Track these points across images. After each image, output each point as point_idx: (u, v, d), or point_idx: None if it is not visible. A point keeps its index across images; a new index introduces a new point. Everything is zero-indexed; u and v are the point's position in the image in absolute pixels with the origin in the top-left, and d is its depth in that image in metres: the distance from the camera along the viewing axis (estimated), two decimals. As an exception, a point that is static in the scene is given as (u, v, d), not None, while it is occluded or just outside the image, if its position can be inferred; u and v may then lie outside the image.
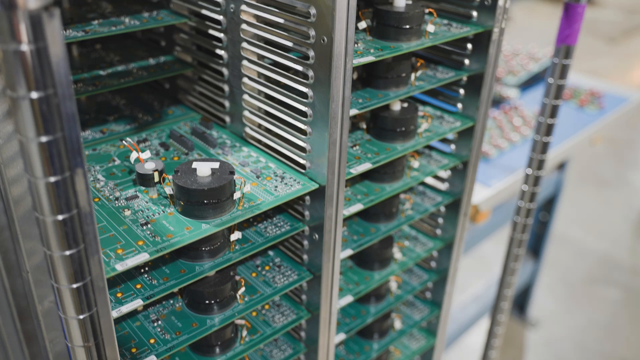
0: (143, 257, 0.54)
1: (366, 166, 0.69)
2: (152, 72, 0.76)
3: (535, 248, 2.07)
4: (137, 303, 0.58)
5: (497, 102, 1.65)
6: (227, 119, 0.76)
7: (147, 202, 0.61)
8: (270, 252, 0.76)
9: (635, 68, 4.30)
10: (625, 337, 2.07)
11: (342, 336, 0.82)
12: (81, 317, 0.50)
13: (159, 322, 0.65)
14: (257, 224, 0.69)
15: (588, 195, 2.86)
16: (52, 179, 0.44)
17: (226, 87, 0.74)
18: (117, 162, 0.69)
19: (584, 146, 1.67)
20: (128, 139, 0.68)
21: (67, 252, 0.47)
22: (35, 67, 0.40)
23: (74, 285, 0.49)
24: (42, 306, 0.66)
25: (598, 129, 1.60)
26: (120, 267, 0.53)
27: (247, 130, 0.73)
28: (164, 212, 0.60)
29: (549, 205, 1.97)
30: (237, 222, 0.59)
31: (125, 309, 0.57)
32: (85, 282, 0.49)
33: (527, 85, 1.77)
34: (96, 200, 0.62)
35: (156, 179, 0.61)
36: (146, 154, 0.63)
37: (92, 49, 0.82)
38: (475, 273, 2.32)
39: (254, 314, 0.75)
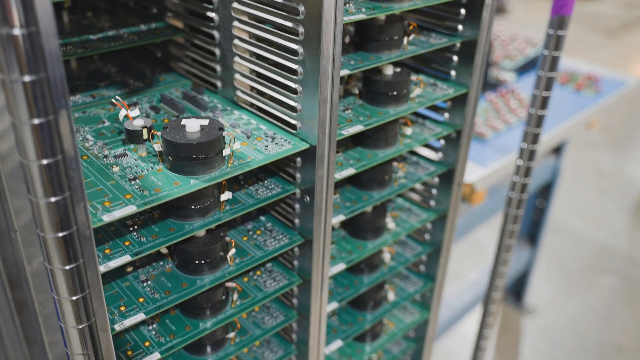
0: (130, 209, 0.54)
1: (358, 128, 0.69)
2: (144, 37, 0.75)
3: (532, 235, 2.07)
4: (125, 259, 0.57)
5: (494, 85, 1.65)
6: (219, 84, 0.75)
7: (135, 160, 0.61)
8: (262, 217, 0.75)
9: (634, 61, 4.29)
10: (622, 325, 2.07)
11: (334, 305, 0.82)
12: (67, 267, 0.50)
13: (149, 283, 0.64)
14: (248, 187, 0.69)
15: (585, 185, 2.86)
16: (37, 121, 0.43)
17: (217, 51, 0.73)
18: (107, 123, 0.68)
19: (580, 129, 1.67)
20: (117, 97, 0.67)
21: (53, 199, 0.47)
22: (16, 2, 0.39)
23: (60, 234, 0.48)
24: (31, 267, 0.65)
25: (595, 111, 1.59)
26: (107, 217, 0.52)
27: (239, 93, 0.73)
28: (152, 168, 0.59)
29: (546, 191, 1.97)
30: (227, 178, 0.59)
31: (113, 264, 0.57)
32: (72, 231, 0.49)
33: (524, 69, 1.77)
34: (84, 158, 0.61)
35: (145, 136, 0.61)
36: (135, 112, 0.62)
37: (83, 17, 0.82)
38: (472, 261, 2.32)
39: (246, 279, 0.74)
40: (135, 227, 0.61)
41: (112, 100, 0.65)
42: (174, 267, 0.67)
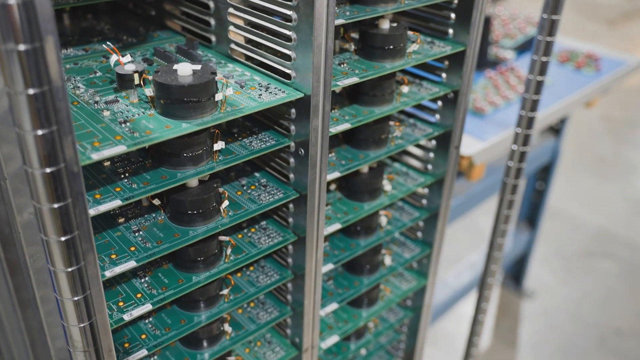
0: (120, 149, 0.53)
1: (353, 80, 0.68)
2: (136, -9, 0.74)
3: (531, 218, 2.06)
4: (116, 203, 0.56)
5: (494, 63, 1.64)
6: (213, 38, 0.74)
7: (127, 106, 0.60)
8: (256, 174, 0.74)
9: (634, 51, 4.27)
10: (621, 309, 2.07)
11: (330, 266, 0.81)
12: (56, 205, 0.49)
13: (140, 233, 0.63)
14: (241, 139, 0.68)
15: (585, 172, 2.85)
16: (22, 47, 0.42)
17: (211, 3, 0.72)
18: (99, 74, 0.67)
19: (580, 108, 1.66)
20: (108, 42, 0.66)
21: (40, 132, 0.46)
22: None
23: (47, 170, 0.47)
24: (21, 218, 0.64)
25: (595, 89, 1.58)
26: (96, 156, 0.51)
27: (233, 46, 0.72)
28: (144, 113, 0.58)
29: (545, 174, 1.96)
30: (219, 123, 0.58)
31: (104, 207, 0.56)
32: (59, 168, 0.48)
33: (523, 48, 1.75)
34: (75, 104, 0.60)
35: (136, 81, 0.60)
36: (127, 58, 0.61)
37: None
38: (472, 245, 2.31)
39: (240, 236, 0.73)
40: (127, 174, 0.60)
41: (104, 45, 0.64)
42: (167, 219, 0.66)
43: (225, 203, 0.66)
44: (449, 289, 1.78)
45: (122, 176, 0.60)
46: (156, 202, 0.66)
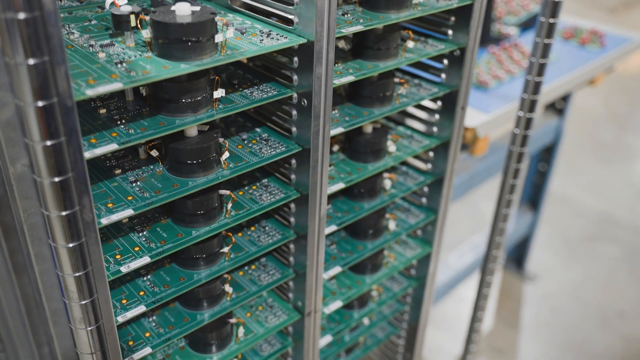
0: (116, 86, 0.50)
1: (357, 28, 0.65)
2: (133, -58, 0.72)
3: (534, 200, 2.04)
4: (112, 147, 0.54)
5: (497, 39, 1.61)
6: (212, -11, 0.72)
7: (123, 49, 0.57)
8: (258, 129, 0.72)
9: (635, 39, 4.25)
10: (623, 291, 2.05)
11: (333, 227, 0.79)
12: (49, 143, 0.47)
13: (138, 183, 0.61)
14: (242, 90, 0.66)
15: (587, 158, 2.83)
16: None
17: (210, -48, 0.70)
18: (94, 22, 0.65)
19: (585, 85, 1.64)
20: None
21: (31, 61, 0.43)
22: None
23: (40, 103, 0.45)
24: (14, 169, 0.62)
25: (599, 65, 1.56)
26: (90, 92, 0.49)
27: (233, -4, 0.69)
28: (141, 55, 0.56)
29: (548, 155, 1.94)
30: (219, 65, 0.56)
31: (99, 151, 0.54)
32: (52, 102, 0.46)
33: (526, 26, 1.73)
34: (69, 47, 0.58)
35: (133, 22, 0.57)
36: (123, 0, 0.59)
37: None
38: (472, 230, 2.29)
39: (241, 193, 0.71)
40: (123, 121, 0.58)
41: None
42: (165, 170, 0.63)
43: (226, 154, 0.64)
44: (451, 271, 1.76)
45: (119, 123, 0.58)
46: (154, 153, 0.64)
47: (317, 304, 0.80)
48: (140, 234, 0.64)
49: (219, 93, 0.61)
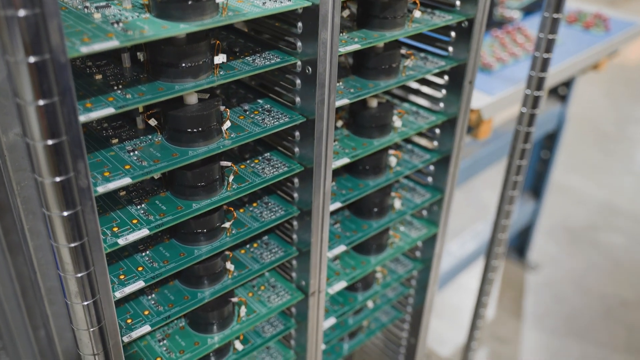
0: (112, 44, 0.48)
1: (364, -8, 0.63)
2: None
3: (536, 188, 2.02)
4: (109, 111, 0.52)
5: (500, 23, 1.59)
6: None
7: (119, 11, 0.55)
8: (260, 100, 0.69)
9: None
10: (626, 280, 2.03)
11: (337, 205, 0.76)
12: (42, 103, 0.44)
13: (136, 153, 0.59)
14: (244, 57, 0.63)
15: (589, 147, 2.81)
16: None
17: None
18: (89, -14, 0.62)
19: (589, 68, 1.61)
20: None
21: (22, 12, 0.41)
22: None
23: (32, 59, 0.42)
24: (7, 138, 0.59)
25: (603, 48, 1.54)
26: (85, 49, 0.47)
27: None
28: (138, 16, 0.54)
29: (550, 142, 1.91)
30: (220, 25, 0.53)
31: (95, 115, 0.51)
32: (44, 58, 0.43)
33: (529, 10, 1.70)
34: (63, 9, 0.55)
35: (129, -18, 0.55)
36: (119, -40, 0.56)
37: None
38: (473, 220, 2.27)
39: (242, 166, 0.69)
40: (120, 86, 0.56)
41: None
42: (164, 140, 0.61)
43: (227, 124, 0.61)
44: (453, 258, 1.74)
45: (116, 88, 0.55)
46: (152, 122, 0.61)
47: (321, 283, 0.78)
48: (139, 207, 0.61)
49: (220, 58, 0.58)
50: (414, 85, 0.89)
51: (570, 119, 1.84)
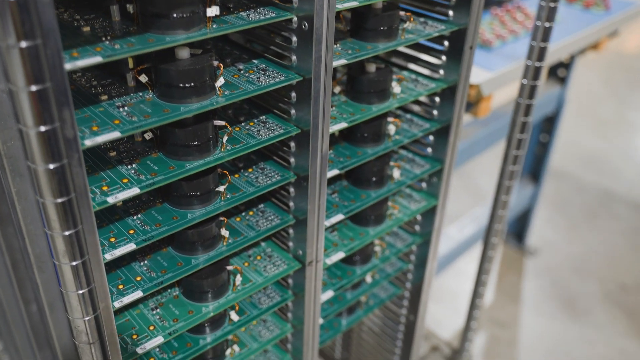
0: (99, -15, 0.46)
1: (362, -56, 0.61)
2: None
3: (535, 172, 2.00)
4: (96, 59, 0.49)
5: (499, 1, 1.57)
6: None
7: (108, -42, 0.53)
8: (255, 60, 0.67)
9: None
10: (625, 265, 2.02)
11: (335, 171, 0.74)
12: (24, 44, 0.42)
13: (125, 108, 0.56)
14: (238, 12, 0.61)
15: (588, 133, 2.80)
16: None
17: None
18: (77, -62, 0.60)
19: (589, 48, 1.59)
20: None
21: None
22: None
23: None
24: None
25: (603, 27, 1.52)
26: (70, -11, 0.44)
27: None
28: (127, -37, 0.51)
29: (549, 125, 1.90)
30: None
31: (82, 63, 0.49)
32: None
33: (529, -10, 1.68)
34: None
35: None
36: None
37: None
38: (471, 206, 2.25)
39: (237, 129, 0.67)
40: (109, 37, 0.53)
41: None
42: (155, 97, 0.59)
43: (221, 81, 0.59)
44: (452, 242, 1.72)
45: (104, 39, 0.53)
46: (143, 78, 0.59)
47: (319, 253, 0.76)
48: (129, 167, 0.59)
49: (212, 11, 0.56)
50: (414, 53, 0.87)
51: (569, 104, 1.83)
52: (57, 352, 0.73)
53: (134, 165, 0.59)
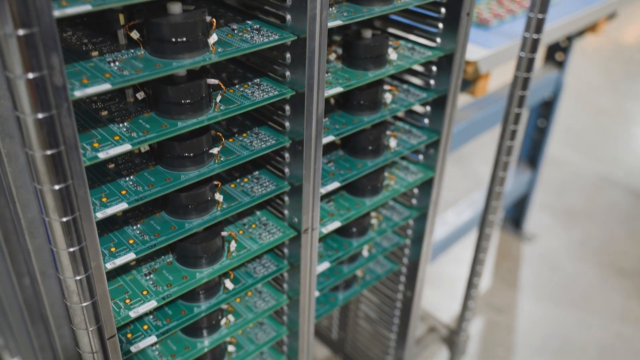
0: None
1: None
2: None
3: (532, 158, 2.00)
4: (85, 8, 0.48)
5: (496, -17, 1.56)
6: None
7: None
8: (249, 21, 0.66)
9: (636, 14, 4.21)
10: (623, 251, 2.02)
11: (330, 137, 0.73)
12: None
13: (117, 63, 0.55)
14: (231, -31, 0.60)
15: (585, 122, 2.79)
16: None
17: None
18: None
19: (587, 28, 1.59)
20: None
21: None
22: None
23: None
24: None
25: (602, 7, 1.51)
26: None
27: None
28: None
29: (547, 110, 1.89)
30: None
31: (71, 11, 0.48)
32: None
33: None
34: None
35: None
36: None
37: None
38: (469, 192, 2.25)
39: (231, 91, 0.66)
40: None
41: None
42: (147, 54, 0.58)
43: (214, 37, 0.58)
44: (448, 227, 1.72)
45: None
46: (134, 35, 0.58)
47: (314, 220, 0.75)
48: (121, 125, 0.58)
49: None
50: (411, 22, 0.86)
51: (568, 92, 1.82)
52: (50, 321, 0.72)
53: (125, 124, 0.58)
